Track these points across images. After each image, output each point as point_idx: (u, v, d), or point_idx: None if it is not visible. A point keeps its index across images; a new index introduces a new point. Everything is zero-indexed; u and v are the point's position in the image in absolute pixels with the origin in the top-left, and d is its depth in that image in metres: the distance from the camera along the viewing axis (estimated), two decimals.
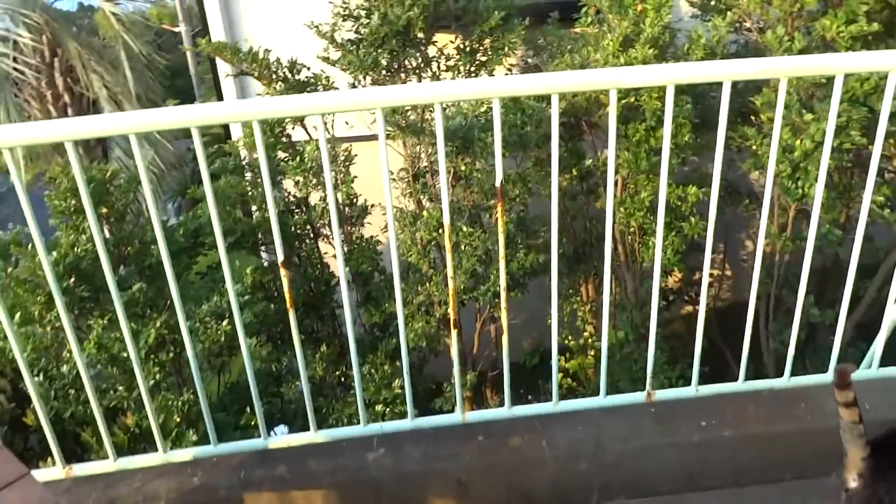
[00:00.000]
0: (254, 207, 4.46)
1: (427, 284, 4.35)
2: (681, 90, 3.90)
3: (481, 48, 4.49)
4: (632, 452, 2.09)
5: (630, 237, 4.70)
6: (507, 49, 4.46)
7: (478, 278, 4.20)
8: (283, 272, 1.71)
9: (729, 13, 4.11)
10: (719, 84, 1.61)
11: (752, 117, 4.29)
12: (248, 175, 4.48)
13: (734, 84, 1.61)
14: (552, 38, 4.84)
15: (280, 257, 1.68)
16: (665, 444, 2.10)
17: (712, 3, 4.45)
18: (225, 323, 3.27)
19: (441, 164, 1.61)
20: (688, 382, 4.40)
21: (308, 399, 1.89)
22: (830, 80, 1.59)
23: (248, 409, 3.44)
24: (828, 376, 2.18)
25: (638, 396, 2.13)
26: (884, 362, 2.18)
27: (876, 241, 4.67)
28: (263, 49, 4.32)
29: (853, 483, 1.44)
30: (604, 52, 4.04)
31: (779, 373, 4.46)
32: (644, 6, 4.00)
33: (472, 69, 4.45)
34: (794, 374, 2.13)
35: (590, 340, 5.10)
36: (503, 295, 1.94)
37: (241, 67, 4.40)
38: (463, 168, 4.02)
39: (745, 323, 2.05)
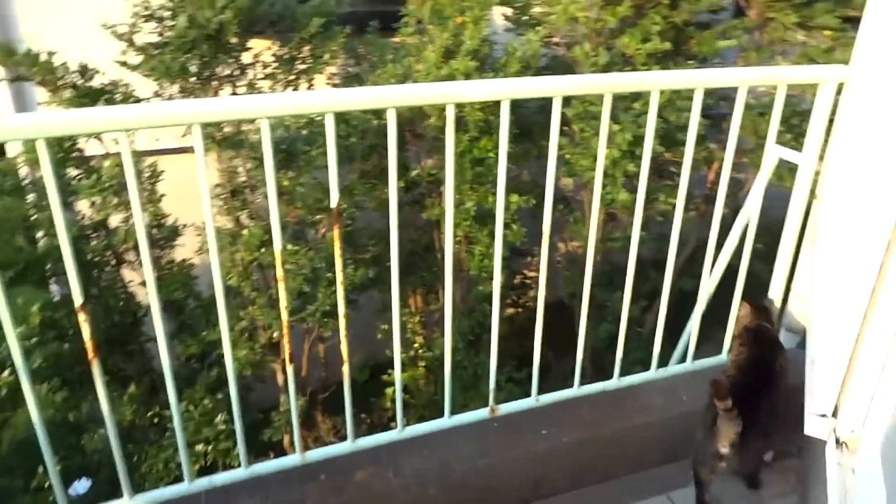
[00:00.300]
0: (40, 233, 3.86)
1: (250, 308, 4.06)
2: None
3: (300, 56, 4.29)
4: (479, 470, 2.05)
5: (457, 246, 4.76)
6: (327, 57, 4.31)
7: (305, 298, 4.00)
8: (81, 317, 1.44)
9: (540, 28, 4.32)
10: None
11: (565, 127, 4.54)
12: (32, 196, 3.88)
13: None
14: (373, 48, 4.77)
15: (77, 299, 1.42)
16: (511, 458, 2.09)
17: (524, 18, 4.65)
18: (6, 374, 2.77)
19: (270, 185, 1.45)
20: (517, 385, 4.55)
21: (119, 458, 1.61)
22: (636, 94, 1.69)
23: (41, 468, 2.95)
24: (650, 373, 2.31)
25: (482, 413, 2.10)
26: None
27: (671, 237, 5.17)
28: (47, 51, 3.77)
29: (724, 450, 1.77)
30: (426, 63, 4.04)
31: (596, 367, 4.76)
32: (463, 19, 4.06)
33: (292, 78, 4.24)
34: (604, 369, 2.22)
35: (420, 352, 5.09)
36: (342, 322, 1.81)
37: (18, 72, 3.81)
38: (286, 183, 3.80)
39: (573, 323, 2.10)
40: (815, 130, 2.10)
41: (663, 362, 2.33)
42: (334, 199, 1.60)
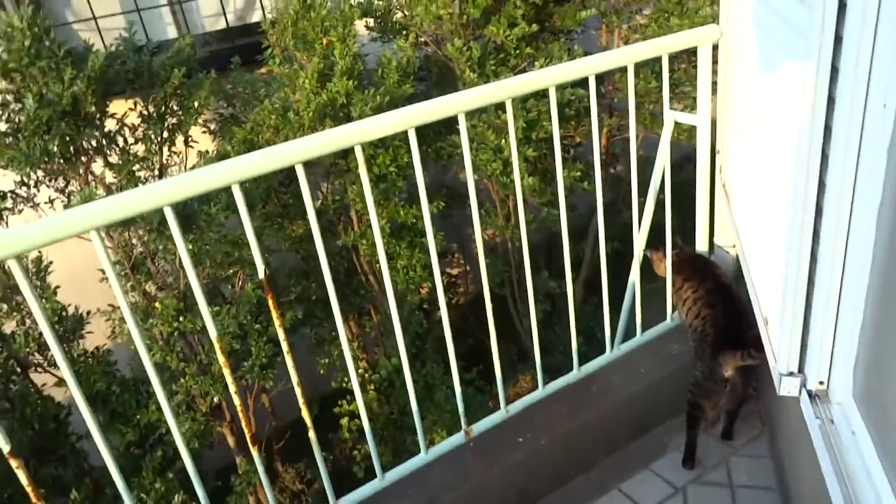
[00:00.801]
0: None
1: (183, 379, 3.85)
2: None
3: (168, 110, 4.07)
4: (466, 495, 2.02)
5: (378, 265, 4.69)
6: (197, 106, 4.10)
7: (237, 356, 3.82)
8: (13, 463, 1.29)
9: (409, 34, 4.29)
10: None
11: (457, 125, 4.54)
12: None
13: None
14: (242, 85, 4.59)
15: (4, 447, 1.26)
16: (493, 475, 2.07)
17: (388, 25, 4.60)
18: None
19: (183, 253, 1.33)
20: (468, 385, 4.53)
21: None
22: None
23: None
24: (607, 356, 2.34)
25: (457, 439, 2.06)
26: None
27: (579, 207, 5.31)
28: None
29: (730, 373, 1.94)
30: (303, 91, 3.93)
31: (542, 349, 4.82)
32: (329, 39, 3.97)
33: (165, 135, 4.01)
34: (550, 347, 2.24)
35: (366, 375, 5.01)
36: (298, 391, 1.71)
37: None
38: (190, 247, 3.60)
39: (505, 310, 2.09)
40: (703, 91, 2.18)
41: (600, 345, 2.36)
42: (261, 271, 1.50)
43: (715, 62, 2.28)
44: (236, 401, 1.61)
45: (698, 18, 4.52)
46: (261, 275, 1.54)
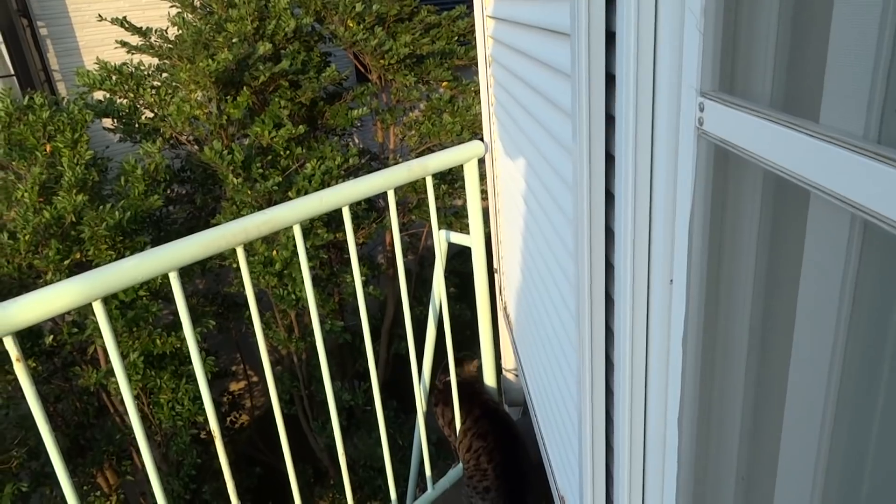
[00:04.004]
0: None
1: None
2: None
3: None
4: None
5: (140, 403, 3.95)
6: None
7: None
8: None
9: (159, 136, 3.78)
10: None
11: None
12: None
13: None
14: None
15: None
16: None
17: (136, 126, 4.04)
18: None
19: None
20: None
21: None
22: None
23: None
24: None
25: None
26: None
27: (368, 309, 5.02)
28: None
29: None
30: (22, 207, 3.22)
31: (336, 466, 4.34)
32: (54, 145, 3.33)
33: None
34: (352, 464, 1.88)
35: None
36: None
37: None
38: None
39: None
40: (474, 210, 1.99)
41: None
42: None
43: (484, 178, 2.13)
44: None
45: (469, 116, 4.56)
46: None
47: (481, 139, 2.02)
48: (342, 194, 1.61)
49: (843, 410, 0.68)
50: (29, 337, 3.64)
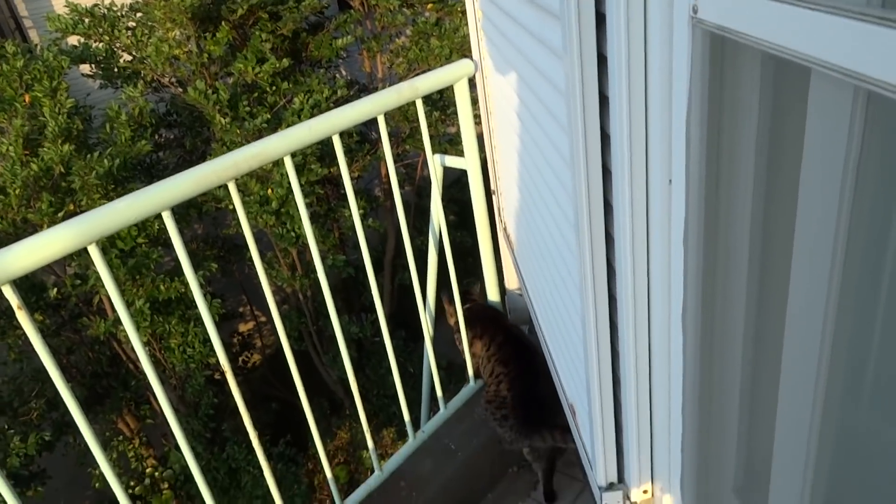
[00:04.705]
0: None
1: None
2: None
3: None
4: None
5: (151, 349, 4.01)
6: None
7: None
8: None
9: (139, 79, 3.68)
10: None
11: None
12: None
13: None
14: None
15: None
16: None
17: (116, 70, 3.94)
18: None
19: None
20: (277, 461, 4.07)
21: None
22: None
23: None
24: (410, 444, 2.05)
25: None
26: None
27: (369, 241, 5.02)
28: None
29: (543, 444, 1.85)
30: (8, 161, 3.17)
31: (350, 396, 4.48)
32: (33, 94, 3.25)
33: None
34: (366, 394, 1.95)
35: (157, 474, 4.28)
36: None
37: None
38: None
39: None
40: (467, 131, 1.95)
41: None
42: None
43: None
44: None
45: (457, 38, 4.43)
46: None
47: (471, 59, 1.96)
48: (332, 122, 1.57)
49: (845, 300, 0.67)
50: (32, 291, 3.65)
